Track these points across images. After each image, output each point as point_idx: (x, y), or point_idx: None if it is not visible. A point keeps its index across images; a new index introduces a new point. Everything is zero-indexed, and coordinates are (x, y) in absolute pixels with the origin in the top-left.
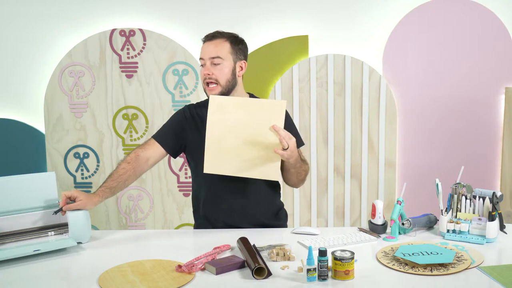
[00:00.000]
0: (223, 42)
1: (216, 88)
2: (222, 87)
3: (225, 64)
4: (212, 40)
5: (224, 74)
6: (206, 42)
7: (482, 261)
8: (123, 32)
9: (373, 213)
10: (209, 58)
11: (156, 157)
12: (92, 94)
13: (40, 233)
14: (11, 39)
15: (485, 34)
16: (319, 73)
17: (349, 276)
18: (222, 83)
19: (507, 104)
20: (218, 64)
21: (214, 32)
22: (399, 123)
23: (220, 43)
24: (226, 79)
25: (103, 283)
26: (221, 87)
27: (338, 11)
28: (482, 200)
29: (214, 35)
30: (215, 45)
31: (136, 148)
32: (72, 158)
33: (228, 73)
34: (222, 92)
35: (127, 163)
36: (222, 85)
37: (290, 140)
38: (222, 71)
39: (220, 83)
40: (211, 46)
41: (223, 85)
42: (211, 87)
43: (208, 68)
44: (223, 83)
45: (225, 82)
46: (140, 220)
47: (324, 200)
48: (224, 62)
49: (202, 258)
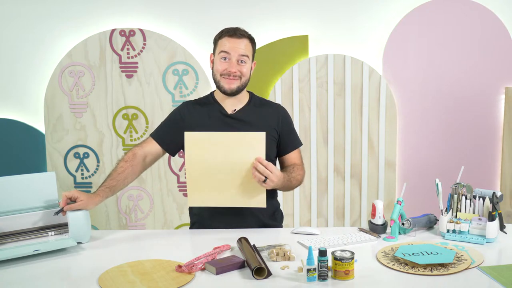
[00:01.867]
0: (248, 42)
1: (236, 82)
2: (241, 83)
3: (248, 63)
4: (241, 38)
5: (246, 72)
6: (233, 38)
7: (482, 261)
8: (123, 32)
9: (373, 213)
10: (238, 55)
11: (154, 154)
12: (92, 94)
13: (40, 233)
14: (11, 39)
15: (485, 34)
16: (319, 73)
17: (349, 276)
18: (243, 79)
19: (507, 104)
20: (244, 62)
21: (239, 29)
22: (399, 123)
23: (247, 42)
24: (247, 77)
25: (103, 283)
26: (240, 82)
27: (338, 11)
28: (482, 200)
29: (242, 33)
30: (245, 44)
31: (133, 147)
32: (72, 158)
33: (248, 72)
34: (239, 87)
35: (124, 162)
36: (242, 81)
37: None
38: (246, 68)
39: (241, 79)
40: (241, 43)
41: (243, 82)
42: (231, 79)
43: (234, 65)
44: (244, 80)
45: (245, 80)
46: (140, 220)
47: (324, 200)
48: (248, 61)
49: (202, 258)
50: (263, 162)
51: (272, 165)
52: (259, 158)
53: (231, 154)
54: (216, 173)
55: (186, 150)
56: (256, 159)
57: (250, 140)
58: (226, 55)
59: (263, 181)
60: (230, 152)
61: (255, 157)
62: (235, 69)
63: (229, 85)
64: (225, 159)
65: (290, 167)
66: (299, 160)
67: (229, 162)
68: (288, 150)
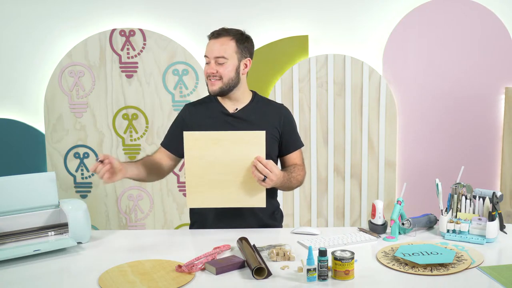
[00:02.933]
0: (229, 41)
1: (217, 83)
2: (223, 83)
3: (229, 63)
4: (218, 38)
5: (228, 72)
6: (212, 39)
7: (482, 261)
8: (123, 32)
9: (373, 213)
10: (213, 57)
11: (167, 160)
12: (92, 94)
13: (40, 233)
14: (11, 39)
15: (485, 34)
16: (319, 73)
17: (349, 276)
18: (224, 80)
19: (507, 104)
20: (223, 64)
21: (220, 29)
22: (399, 123)
23: (226, 41)
24: (229, 77)
25: (103, 283)
26: (222, 83)
27: (338, 11)
28: (482, 200)
29: (220, 33)
30: (221, 44)
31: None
32: (72, 158)
33: (231, 71)
34: (222, 88)
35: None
36: (224, 81)
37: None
38: (226, 70)
39: (222, 80)
40: (217, 44)
41: (225, 82)
42: (212, 81)
43: (212, 67)
44: (225, 80)
45: (227, 80)
46: (140, 220)
47: (324, 200)
48: (228, 62)
49: (202, 258)
50: (263, 161)
51: (271, 163)
52: (259, 157)
53: (231, 154)
54: (216, 172)
55: (185, 150)
56: (255, 158)
57: (250, 139)
58: (207, 59)
59: (262, 180)
60: (230, 152)
61: (255, 156)
62: (212, 70)
63: (212, 87)
64: (225, 159)
65: (291, 167)
66: (300, 161)
67: (229, 161)
68: (289, 150)
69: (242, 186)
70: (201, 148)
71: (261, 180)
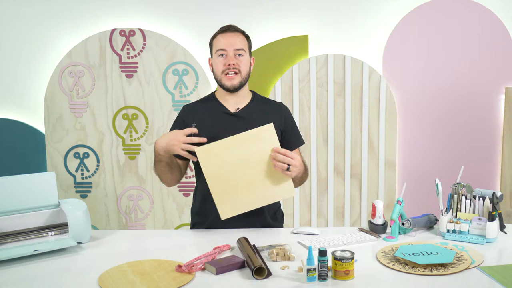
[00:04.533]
0: (243, 37)
1: (237, 77)
2: (242, 78)
3: (246, 57)
4: (234, 33)
5: (245, 66)
6: (226, 33)
7: (482, 261)
8: (123, 32)
9: (373, 213)
10: (234, 50)
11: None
12: (92, 94)
13: (40, 233)
14: (11, 39)
15: (485, 34)
16: (319, 73)
17: (349, 276)
18: (243, 74)
19: (507, 104)
20: (242, 56)
21: (232, 25)
22: (399, 123)
23: (241, 36)
24: (246, 71)
25: (103, 283)
26: (241, 77)
27: (338, 11)
28: (482, 200)
29: (236, 28)
30: (239, 38)
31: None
32: (72, 158)
33: (247, 66)
34: (241, 82)
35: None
36: (243, 75)
37: (293, 159)
38: (243, 63)
39: (241, 73)
40: (235, 38)
41: (244, 76)
42: (231, 76)
43: (232, 58)
44: (244, 74)
45: (245, 74)
46: (140, 220)
47: (324, 200)
48: (245, 55)
49: (202, 258)
50: (281, 151)
51: (290, 152)
52: (276, 148)
53: (247, 154)
54: (238, 177)
55: (202, 165)
56: (273, 150)
57: (261, 135)
58: (223, 52)
59: (286, 169)
60: (245, 153)
61: (271, 149)
62: (233, 62)
63: (231, 82)
64: (242, 161)
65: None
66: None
67: (247, 162)
68: (292, 148)
69: (267, 182)
70: (216, 158)
71: (285, 169)
